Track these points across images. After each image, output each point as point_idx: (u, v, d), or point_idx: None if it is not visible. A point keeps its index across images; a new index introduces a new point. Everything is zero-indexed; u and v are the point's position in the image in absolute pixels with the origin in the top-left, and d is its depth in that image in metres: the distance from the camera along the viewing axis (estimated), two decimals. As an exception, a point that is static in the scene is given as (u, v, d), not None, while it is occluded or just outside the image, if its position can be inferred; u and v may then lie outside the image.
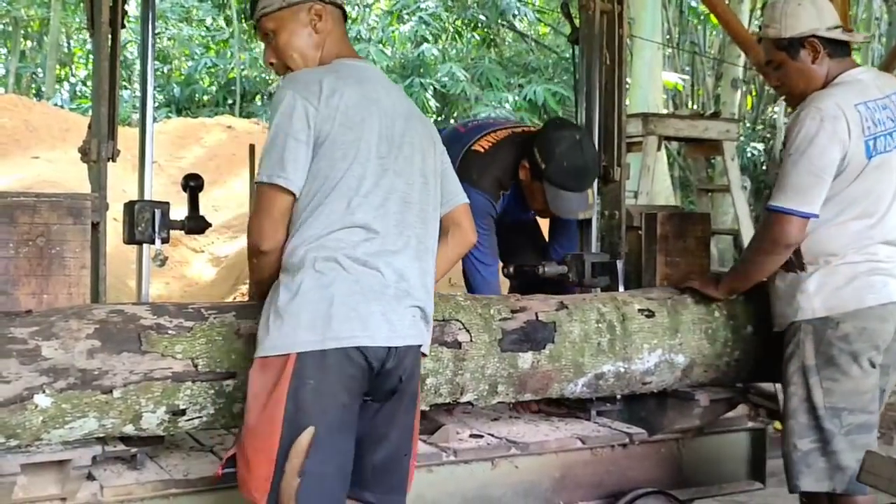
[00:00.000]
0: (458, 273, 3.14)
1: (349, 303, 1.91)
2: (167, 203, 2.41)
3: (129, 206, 2.36)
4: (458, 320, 2.41)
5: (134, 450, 2.20)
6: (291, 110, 1.96)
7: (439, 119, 14.50)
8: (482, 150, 3.11)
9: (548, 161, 2.95)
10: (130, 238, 2.37)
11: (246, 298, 4.86)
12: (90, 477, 2.15)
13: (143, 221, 2.33)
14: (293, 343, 1.89)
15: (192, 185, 2.51)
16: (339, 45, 2.17)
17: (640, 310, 2.69)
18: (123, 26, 2.38)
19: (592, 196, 3.05)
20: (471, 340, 2.41)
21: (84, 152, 2.30)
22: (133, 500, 2.16)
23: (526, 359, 2.49)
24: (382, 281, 1.96)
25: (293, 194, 1.98)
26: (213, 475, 2.20)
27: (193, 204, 2.53)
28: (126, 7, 2.41)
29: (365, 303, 1.93)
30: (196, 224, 2.52)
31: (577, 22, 3.09)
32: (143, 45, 2.40)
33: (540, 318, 2.53)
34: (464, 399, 2.46)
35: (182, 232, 2.57)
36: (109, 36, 2.28)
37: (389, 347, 1.95)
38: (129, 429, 2.05)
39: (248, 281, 4.66)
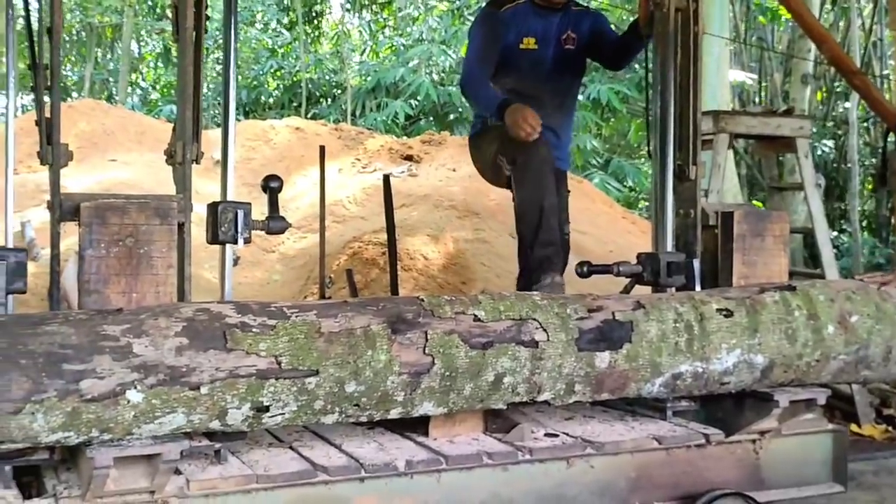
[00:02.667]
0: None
1: None
2: (249, 204, 2.45)
3: (213, 207, 2.41)
4: (535, 319, 2.41)
5: (218, 445, 2.24)
6: None
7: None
8: None
9: None
10: (214, 238, 2.42)
11: (317, 297, 4.94)
12: (176, 471, 2.19)
13: (227, 222, 2.37)
14: None
15: (272, 186, 2.55)
16: None
17: (718, 309, 2.66)
18: (206, 31, 2.44)
19: None
20: (548, 339, 2.40)
21: (169, 155, 2.36)
22: (217, 494, 2.20)
23: (603, 358, 2.48)
24: None
25: None
26: (294, 471, 2.25)
27: (273, 204, 2.58)
28: (208, 13, 2.45)
29: None
30: (276, 224, 2.56)
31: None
32: (226, 49, 2.45)
33: (617, 318, 2.52)
34: (541, 398, 2.46)
35: (262, 232, 2.62)
36: (193, 41, 2.33)
37: None
38: (215, 424, 2.10)
39: (317, 281, 4.73)
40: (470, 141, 4.22)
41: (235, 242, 2.41)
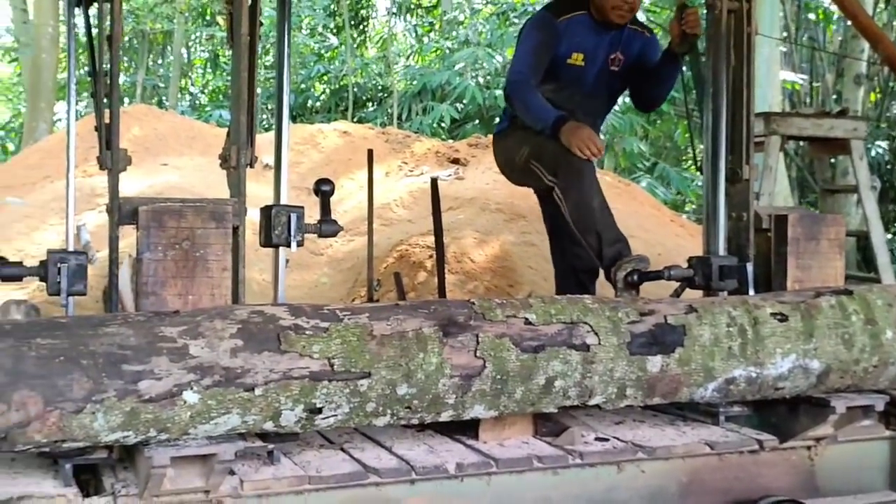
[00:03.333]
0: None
1: None
2: (302, 207, 2.48)
3: (266, 211, 2.44)
4: (586, 323, 2.40)
5: (271, 446, 2.26)
6: None
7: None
8: None
9: None
10: (267, 241, 2.45)
11: (364, 300, 4.96)
12: (230, 472, 2.21)
13: (280, 225, 2.40)
14: None
15: (324, 189, 2.57)
16: None
17: (772, 313, 2.62)
18: (259, 37, 2.46)
19: None
20: (599, 343, 2.39)
21: (224, 159, 2.39)
22: (270, 494, 2.22)
23: (655, 362, 2.46)
24: None
25: None
26: (345, 473, 2.27)
27: (325, 208, 2.60)
28: (261, 19, 2.48)
29: None
30: (328, 227, 2.58)
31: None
32: (280, 54, 2.47)
33: (669, 322, 2.50)
34: (592, 402, 2.45)
35: (315, 235, 2.64)
36: (248, 47, 2.36)
37: None
38: (268, 425, 2.12)
39: (365, 283, 4.75)
40: (494, 138, 4.19)
41: (289, 245, 2.44)
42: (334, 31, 17.40)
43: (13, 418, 1.82)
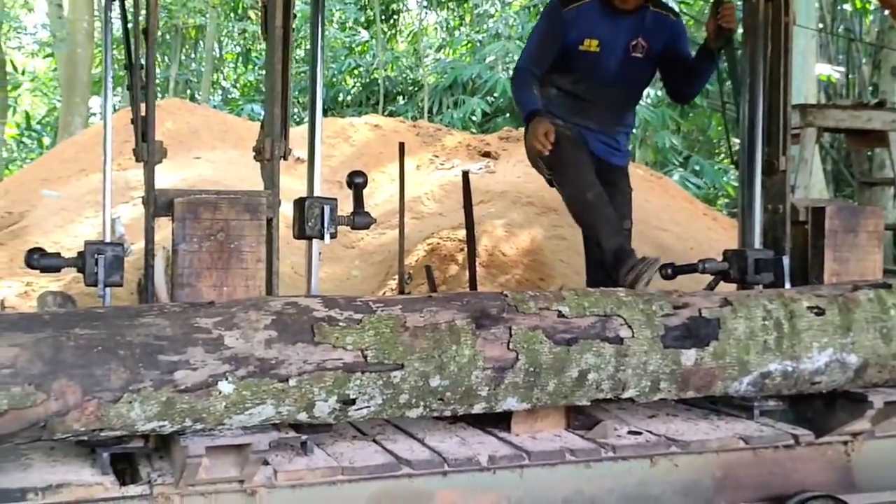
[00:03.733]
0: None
1: None
2: (335, 199, 2.48)
3: (300, 203, 2.45)
4: (619, 316, 2.39)
5: (304, 437, 2.27)
6: None
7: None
8: None
9: None
10: (301, 233, 2.45)
11: (396, 293, 4.97)
12: (264, 462, 2.22)
13: (313, 217, 2.41)
14: None
15: (357, 181, 2.57)
16: None
17: (808, 307, 2.59)
18: (292, 30, 2.47)
19: None
20: (633, 336, 2.38)
21: (257, 151, 2.40)
22: (303, 485, 2.23)
23: (689, 355, 2.44)
24: None
25: None
26: (378, 464, 2.27)
27: (358, 200, 2.60)
28: (295, 12, 2.48)
29: None
30: (361, 220, 2.58)
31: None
32: (313, 47, 2.48)
33: (703, 315, 2.48)
34: (625, 395, 2.44)
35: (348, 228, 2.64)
36: (282, 40, 2.37)
37: None
38: (302, 416, 2.13)
39: (396, 276, 4.76)
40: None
41: (322, 237, 2.44)
42: (365, 24, 17.42)
43: (52, 407, 1.84)
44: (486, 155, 8.59)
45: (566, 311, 2.34)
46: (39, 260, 2.36)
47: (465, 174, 4.71)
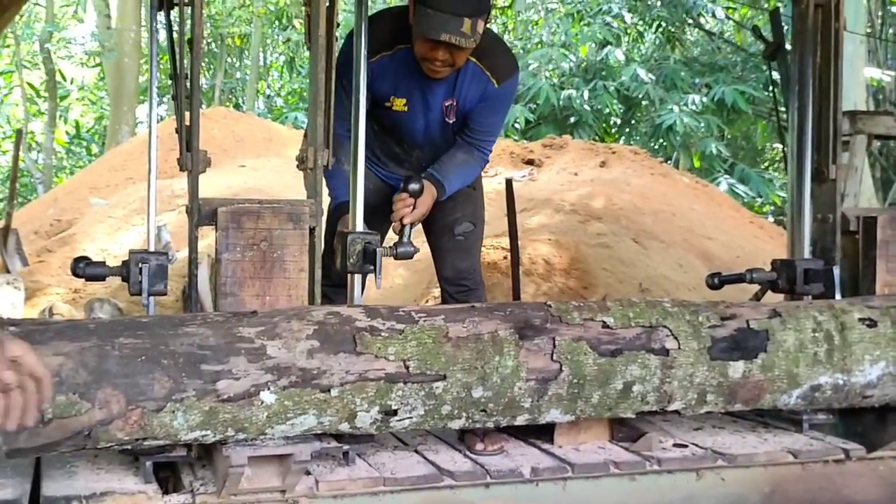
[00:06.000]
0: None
1: None
2: (377, 234, 2.46)
3: (343, 238, 2.43)
4: (665, 326, 2.35)
5: (346, 447, 2.26)
6: None
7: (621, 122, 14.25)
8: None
9: None
10: (343, 268, 2.44)
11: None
12: (306, 472, 2.21)
13: (355, 254, 2.40)
14: None
15: (413, 188, 2.55)
16: None
17: (860, 319, 2.53)
18: (336, 39, 2.47)
19: (471, 29, 2.66)
20: (679, 348, 2.34)
21: (301, 160, 2.40)
22: (345, 495, 2.22)
23: (737, 368, 2.39)
24: None
25: None
26: (420, 475, 2.26)
27: (402, 230, 2.58)
28: (338, 20, 2.48)
29: None
30: (404, 250, 2.55)
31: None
32: (357, 53, 2.46)
33: (751, 326, 2.43)
34: (671, 408, 2.40)
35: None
36: (325, 48, 2.37)
37: None
38: (344, 427, 2.12)
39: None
40: None
41: (364, 273, 2.43)
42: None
43: (97, 416, 1.85)
44: (530, 162, 8.57)
45: (611, 322, 2.31)
46: (85, 269, 2.38)
47: (509, 182, 4.69)
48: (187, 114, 2.41)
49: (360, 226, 2.47)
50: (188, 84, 2.40)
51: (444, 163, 3.11)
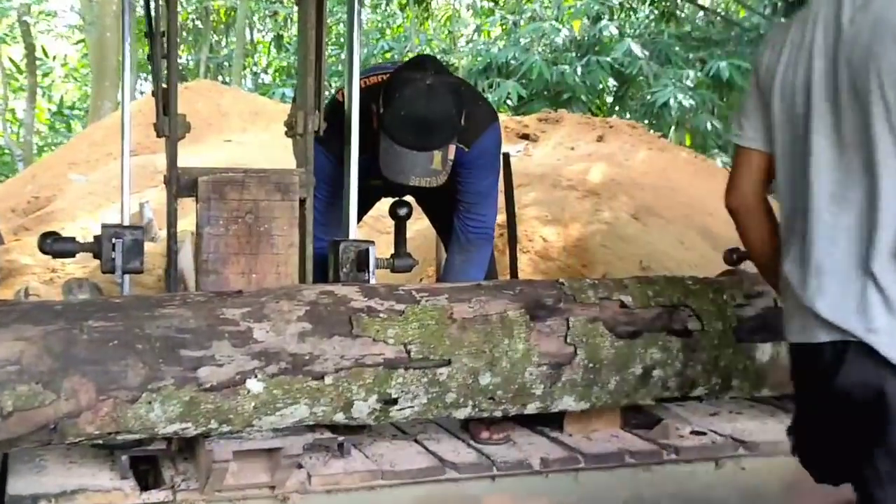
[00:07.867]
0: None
1: None
2: (371, 242, 2.30)
3: (335, 246, 2.27)
4: (687, 306, 2.22)
5: (341, 438, 2.12)
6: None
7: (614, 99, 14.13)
8: (340, 99, 2.52)
9: (386, 105, 2.40)
10: (336, 278, 2.29)
11: (434, 280, 4.79)
12: (297, 465, 2.07)
13: (348, 263, 2.23)
14: None
15: (401, 214, 2.42)
16: None
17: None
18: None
19: (442, 163, 2.44)
20: (702, 329, 2.21)
21: (289, 126, 2.23)
22: (340, 490, 2.08)
23: (765, 350, 2.27)
24: None
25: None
26: (421, 468, 2.12)
27: (400, 237, 2.43)
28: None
29: None
30: (402, 262, 2.42)
31: None
32: (350, 24, 2.28)
33: (780, 305, 2.27)
34: (694, 394, 2.28)
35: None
36: (315, 4, 2.18)
37: None
38: (339, 417, 1.97)
39: (434, 263, 4.59)
40: None
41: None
42: (399, 6, 17.29)
43: (63, 408, 1.70)
44: (525, 137, 8.42)
45: (629, 302, 2.18)
46: (52, 245, 2.20)
47: (506, 156, 4.49)
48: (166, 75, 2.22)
49: (353, 233, 2.31)
50: (165, 42, 2.20)
51: (445, 280, 2.84)
